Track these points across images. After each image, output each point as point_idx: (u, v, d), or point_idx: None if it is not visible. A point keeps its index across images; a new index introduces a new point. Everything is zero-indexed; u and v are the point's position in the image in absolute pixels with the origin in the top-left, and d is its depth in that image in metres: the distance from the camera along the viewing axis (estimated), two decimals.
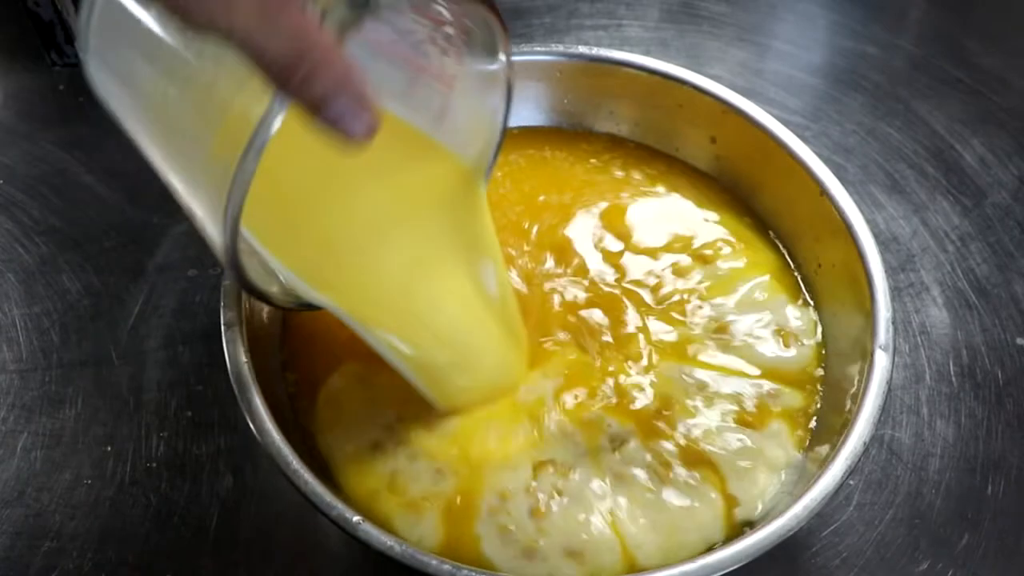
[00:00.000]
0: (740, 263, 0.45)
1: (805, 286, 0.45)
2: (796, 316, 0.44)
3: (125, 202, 0.52)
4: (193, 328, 0.47)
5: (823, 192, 0.44)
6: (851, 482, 0.43)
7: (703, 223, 0.47)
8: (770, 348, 0.42)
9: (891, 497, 0.42)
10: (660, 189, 0.49)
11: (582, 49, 0.49)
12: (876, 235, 0.44)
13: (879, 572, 0.40)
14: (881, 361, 0.38)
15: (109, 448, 0.43)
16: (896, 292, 0.49)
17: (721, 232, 0.46)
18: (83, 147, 0.54)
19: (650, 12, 0.65)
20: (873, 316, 0.39)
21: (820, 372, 0.42)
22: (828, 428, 0.39)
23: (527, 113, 0.51)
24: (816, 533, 0.41)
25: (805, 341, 0.43)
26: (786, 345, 0.43)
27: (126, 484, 0.42)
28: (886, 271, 0.41)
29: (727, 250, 0.46)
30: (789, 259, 0.46)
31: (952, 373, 0.47)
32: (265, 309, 0.42)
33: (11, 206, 0.51)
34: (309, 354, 0.42)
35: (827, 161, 0.45)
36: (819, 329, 0.44)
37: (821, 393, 0.41)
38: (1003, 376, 0.47)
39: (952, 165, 0.56)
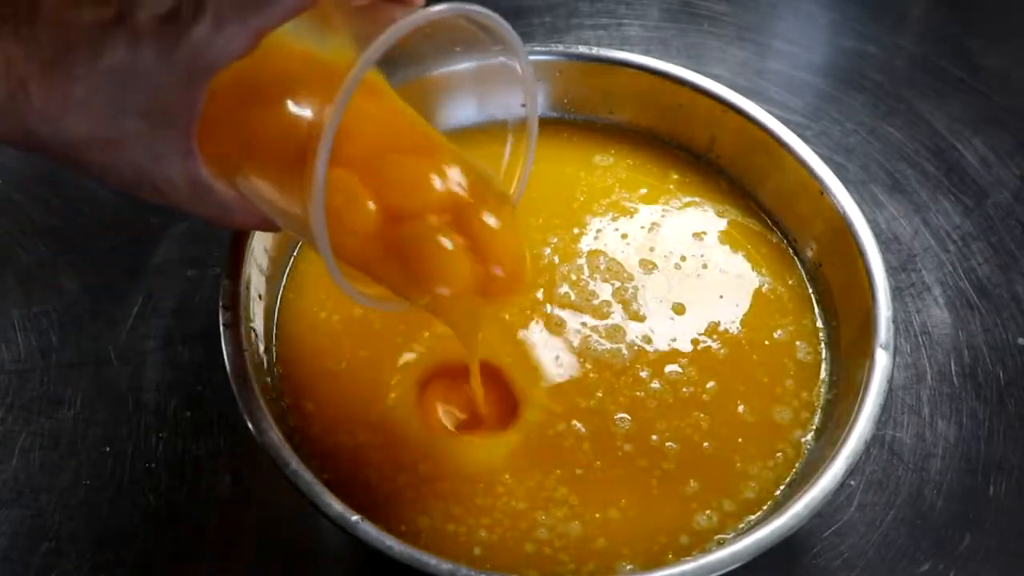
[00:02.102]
0: (745, 261, 0.45)
1: (808, 283, 0.45)
2: (798, 316, 0.44)
3: (124, 202, 0.52)
4: (192, 328, 0.47)
5: (824, 191, 0.44)
6: (852, 483, 0.43)
7: (704, 220, 0.47)
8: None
9: (892, 498, 0.42)
10: (662, 185, 0.49)
11: (582, 49, 0.49)
12: (877, 235, 0.44)
13: (880, 573, 0.40)
14: (882, 360, 0.38)
15: (108, 449, 0.43)
16: (897, 292, 0.49)
17: (723, 228, 0.47)
18: None
19: (650, 11, 0.65)
20: (874, 315, 0.39)
21: (823, 373, 0.42)
22: (829, 427, 0.39)
23: None
24: (817, 534, 0.41)
25: (808, 341, 0.43)
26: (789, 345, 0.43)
27: (125, 485, 0.42)
28: (887, 271, 0.41)
29: (730, 247, 0.46)
30: (794, 256, 0.46)
31: (953, 373, 0.47)
32: (263, 308, 0.42)
33: (10, 206, 0.51)
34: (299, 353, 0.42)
35: (828, 160, 0.45)
36: (820, 328, 0.43)
37: (823, 392, 0.41)
38: (1005, 376, 0.47)
39: (953, 165, 0.56)
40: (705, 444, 0.39)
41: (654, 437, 0.39)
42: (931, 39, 0.64)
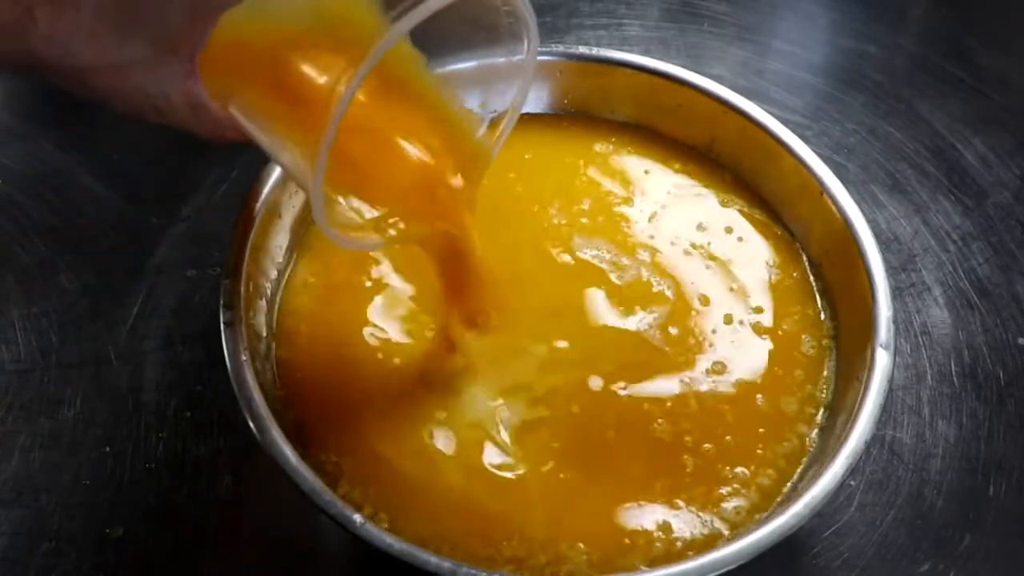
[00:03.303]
0: (751, 252, 0.46)
1: (812, 278, 0.45)
2: (804, 307, 0.44)
3: (124, 202, 0.52)
4: (192, 328, 0.47)
5: (824, 192, 0.44)
6: (852, 483, 0.43)
7: (709, 210, 0.47)
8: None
9: (892, 498, 0.42)
10: (664, 176, 0.49)
11: (582, 49, 0.49)
12: (877, 235, 0.44)
13: (880, 573, 0.40)
14: (882, 359, 0.38)
15: (108, 449, 0.43)
16: (897, 292, 0.49)
17: (728, 218, 0.47)
18: (82, 147, 0.54)
19: (650, 11, 0.65)
20: (874, 314, 0.39)
21: (826, 369, 0.42)
22: (831, 426, 0.39)
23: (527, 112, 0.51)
24: (817, 534, 0.41)
25: (812, 335, 0.43)
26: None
27: (125, 485, 0.42)
28: (887, 270, 0.41)
29: (735, 237, 0.46)
30: (800, 250, 0.46)
31: (953, 373, 0.47)
32: (264, 306, 0.42)
33: (9, 206, 0.51)
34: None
35: (828, 160, 0.45)
36: (824, 323, 0.43)
37: (827, 387, 0.41)
38: (1005, 376, 0.47)
39: (953, 164, 0.56)
40: (728, 437, 0.39)
41: (684, 431, 0.39)
42: (931, 39, 0.64)
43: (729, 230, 0.46)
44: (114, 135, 0.55)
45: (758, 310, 0.43)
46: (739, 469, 0.39)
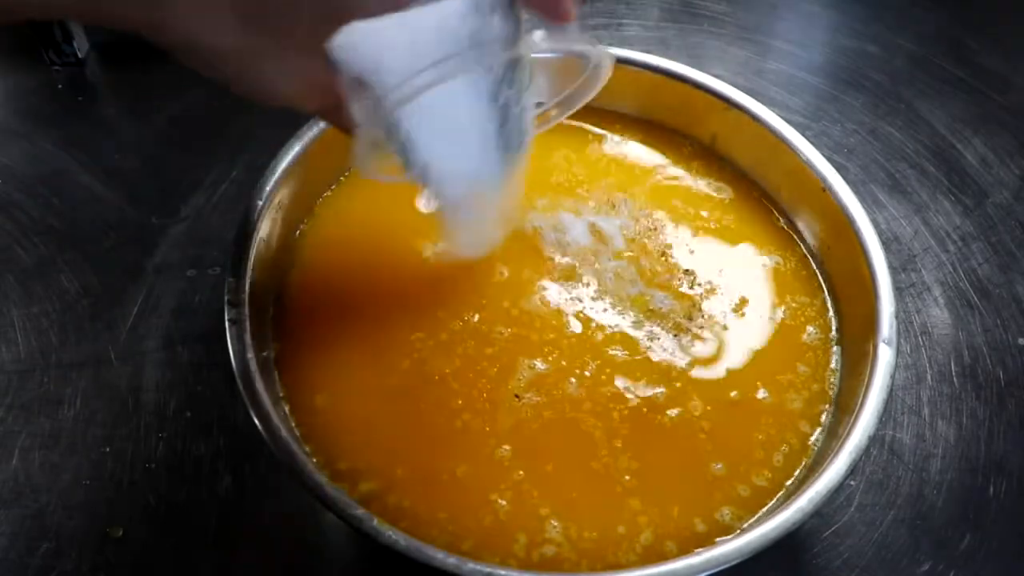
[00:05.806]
0: (754, 244, 0.46)
1: (816, 271, 0.45)
2: (811, 299, 0.44)
3: (124, 202, 0.52)
4: (192, 328, 0.46)
5: (825, 187, 0.44)
6: (852, 483, 0.43)
7: (712, 203, 0.48)
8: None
9: (892, 498, 0.42)
10: (664, 169, 0.49)
11: None
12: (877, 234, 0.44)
13: (880, 573, 0.40)
14: (884, 355, 0.38)
15: (108, 449, 0.43)
16: (897, 292, 0.49)
17: (732, 211, 0.47)
18: (82, 147, 0.54)
19: (650, 11, 0.65)
20: (876, 310, 0.39)
21: (832, 361, 0.42)
22: (834, 422, 0.39)
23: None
24: (817, 534, 0.41)
25: (817, 326, 0.43)
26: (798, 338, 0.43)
27: (125, 485, 0.42)
28: (889, 266, 0.41)
29: (736, 231, 0.46)
30: (799, 243, 0.46)
31: (953, 373, 0.47)
32: (265, 303, 0.42)
33: (10, 206, 0.51)
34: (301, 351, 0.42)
35: (828, 160, 0.45)
36: (830, 317, 0.44)
37: (833, 381, 0.41)
38: (1005, 376, 0.47)
39: (953, 165, 0.56)
40: (730, 430, 0.39)
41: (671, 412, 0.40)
42: (931, 39, 0.64)
43: (731, 223, 0.47)
44: (114, 135, 0.55)
45: (761, 302, 0.44)
46: (740, 463, 0.39)
